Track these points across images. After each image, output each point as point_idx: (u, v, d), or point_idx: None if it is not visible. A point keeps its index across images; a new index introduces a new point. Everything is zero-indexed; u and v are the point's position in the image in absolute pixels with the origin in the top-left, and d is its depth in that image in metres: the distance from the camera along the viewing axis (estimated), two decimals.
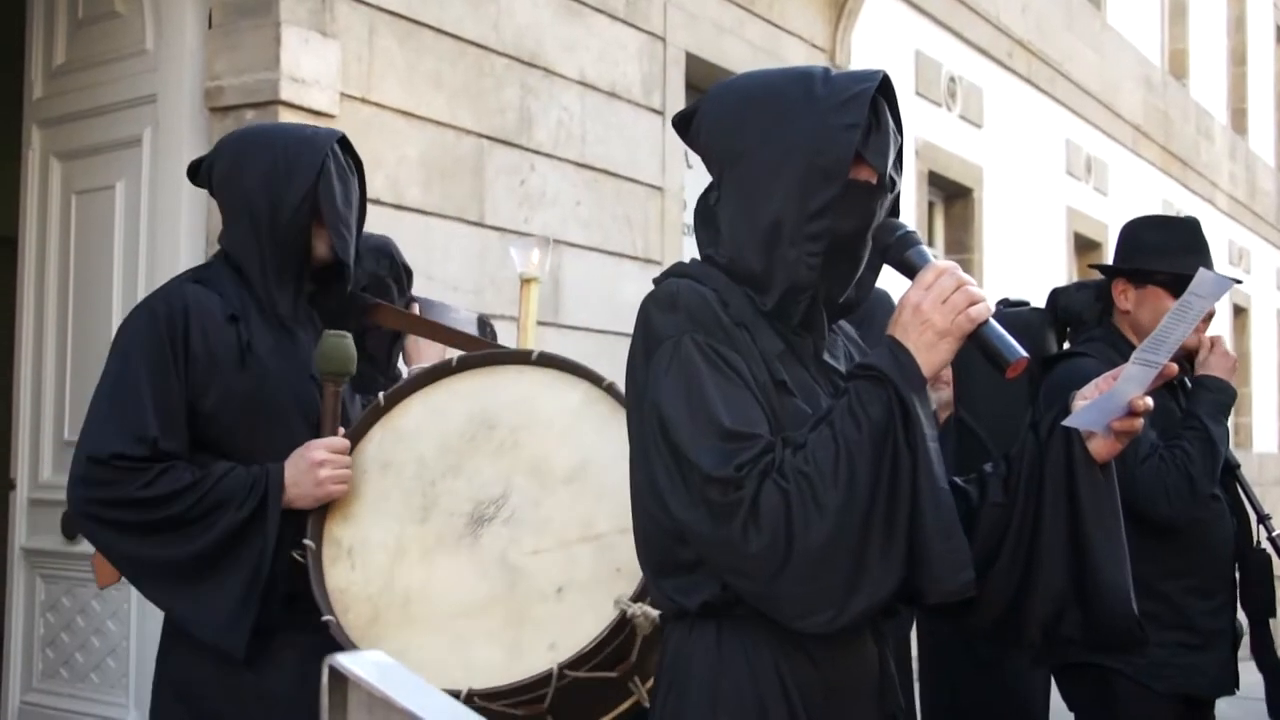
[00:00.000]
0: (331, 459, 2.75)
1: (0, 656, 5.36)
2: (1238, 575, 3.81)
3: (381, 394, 2.91)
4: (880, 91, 2.10)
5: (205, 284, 2.87)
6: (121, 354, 2.80)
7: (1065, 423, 2.07)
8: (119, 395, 2.75)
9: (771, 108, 2.11)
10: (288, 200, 2.84)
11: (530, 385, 2.87)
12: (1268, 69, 19.09)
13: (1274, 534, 3.70)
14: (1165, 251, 3.79)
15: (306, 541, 2.73)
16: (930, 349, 1.99)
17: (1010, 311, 4.27)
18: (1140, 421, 2.08)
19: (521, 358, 2.92)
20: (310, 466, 2.73)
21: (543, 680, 2.47)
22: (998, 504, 2.11)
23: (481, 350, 3.02)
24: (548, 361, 2.90)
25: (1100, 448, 2.09)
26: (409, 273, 3.62)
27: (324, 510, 2.79)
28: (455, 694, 2.43)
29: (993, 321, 2.01)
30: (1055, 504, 2.07)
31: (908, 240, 2.09)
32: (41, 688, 5.16)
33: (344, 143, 2.97)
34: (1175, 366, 2.10)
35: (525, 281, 3.38)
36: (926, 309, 2.00)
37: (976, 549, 2.06)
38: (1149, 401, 2.07)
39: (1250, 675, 3.76)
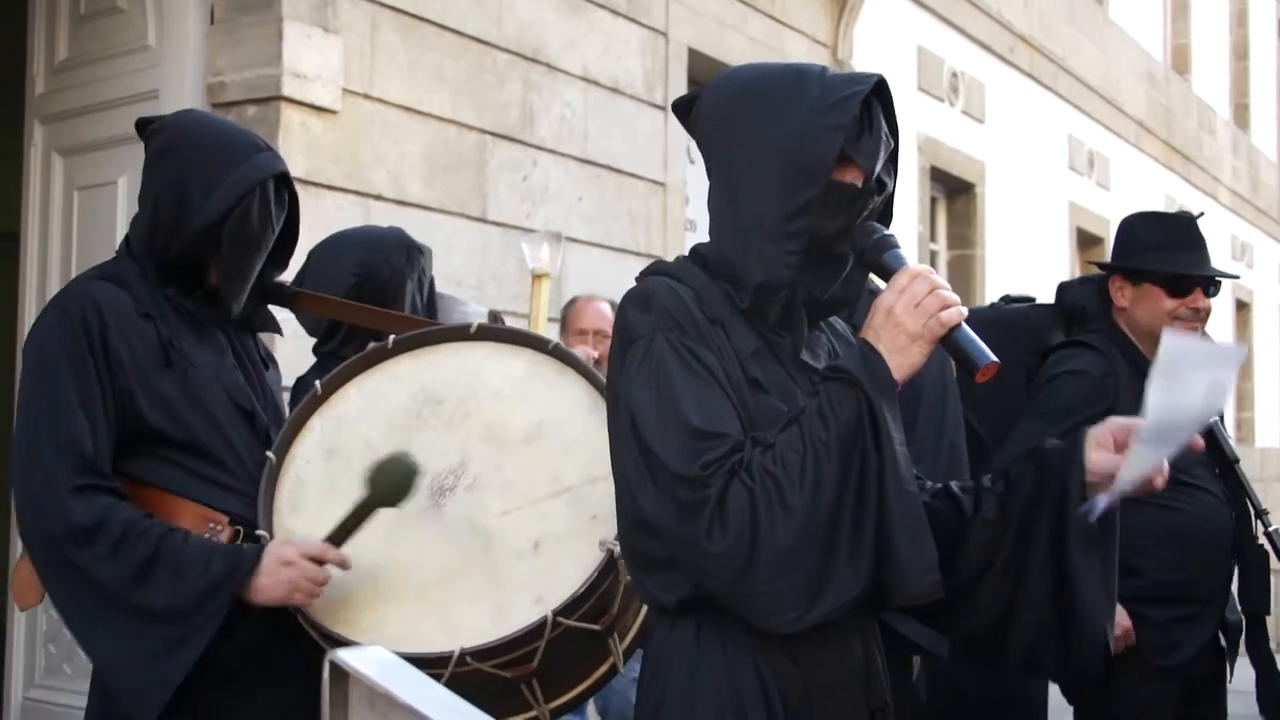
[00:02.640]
0: (300, 563, 2.54)
1: (3, 653, 5.36)
2: (1236, 569, 3.81)
3: (318, 382, 2.84)
4: (876, 94, 2.11)
5: (113, 281, 2.66)
6: (41, 368, 2.58)
7: (1081, 511, 2.04)
8: (52, 414, 2.55)
9: (762, 102, 2.11)
10: (194, 220, 2.63)
11: (471, 359, 2.82)
12: (1270, 64, 19.06)
13: (1270, 529, 3.70)
14: (1160, 248, 3.79)
15: (260, 533, 2.63)
16: (902, 352, 2.00)
17: (1013, 308, 4.26)
18: (1160, 481, 2.05)
19: (459, 334, 2.87)
20: (278, 565, 2.54)
21: (536, 631, 2.45)
22: (990, 522, 2.11)
23: (417, 330, 2.94)
24: (487, 334, 2.85)
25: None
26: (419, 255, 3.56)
27: (271, 502, 2.68)
28: (447, 657, 2.41)
29: (965, 326, 2.02)
30: (1045, 545, 2.08)
31: (884, 243, 2.09)
32: (44, 684, 5.16)
33: (283, 178, 2.76)
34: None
35: (536, 277, 3.36)
36: (899, 312, 2.00)
37: (970, 561, 2.08)
38: (1166, 471, 2.04)
39: (1248, 670, 3.76)
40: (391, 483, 2.56)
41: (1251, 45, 18.19)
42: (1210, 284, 3.79)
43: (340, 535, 2.58)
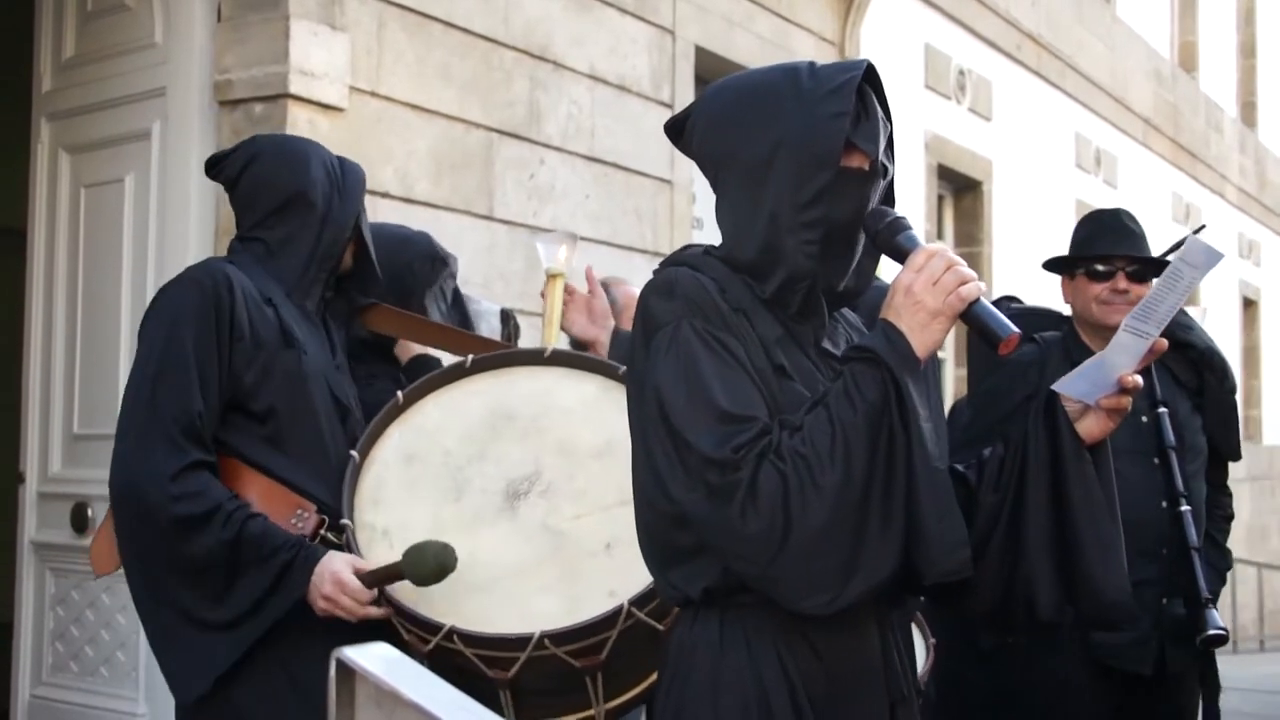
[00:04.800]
0: (340, 599, 2.68)
1: (9, 650, 5.37)
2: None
3: (400, 393, 2.96)
4: (867, 80, 2.13)
5: (238, 267, 2.90)
6: (166, 334, 2.77)
7: (1054, 387, 2.10)
8: (167, 381, 2.73)
9: (760, 104, 2.13)
10: (343, 217, 2.98)
11: (544, 381, 2.96)
12: (1278, 61, 19.04)
13: (1181, 509, 3.68)
14: (1088, 241, 3.98)
15: (345, 521, 2.76)
16: (923, 329, 2.01)
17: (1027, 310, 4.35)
18: (1128, 400, 2.09)
19: (534, 357, 3.00)
20: (331, 584, 2.68)
21: (611, 619, 2.55)
22: (993, 489, 2.12)
23: (494, 351, 3.08)
24: (560, 360, 2.98)
25: (1091, 427, 2.10)
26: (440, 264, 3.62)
27: (353, 497, 2.82)
28: (526, 639, 2.53)
29: (984, 300, 2.04)
30: (1038, 489, 2.09)
31: (897, 225, 2.11)
32: (51, 681, 5.16)
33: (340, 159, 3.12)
34: (1165, 342, 2.10)
35: (550, 277, 3.38)
36: (918, 290, 2.02)
37: (976, 535, 2.07)
38: (1138, 379, 2.09)
39: (1260, 668, 3.76)
40: (422, 563, 2.65)
41: (1259, 43, 18.18)
42: (1138, 267, 3.84)
43: (373, 581, 2.70)
